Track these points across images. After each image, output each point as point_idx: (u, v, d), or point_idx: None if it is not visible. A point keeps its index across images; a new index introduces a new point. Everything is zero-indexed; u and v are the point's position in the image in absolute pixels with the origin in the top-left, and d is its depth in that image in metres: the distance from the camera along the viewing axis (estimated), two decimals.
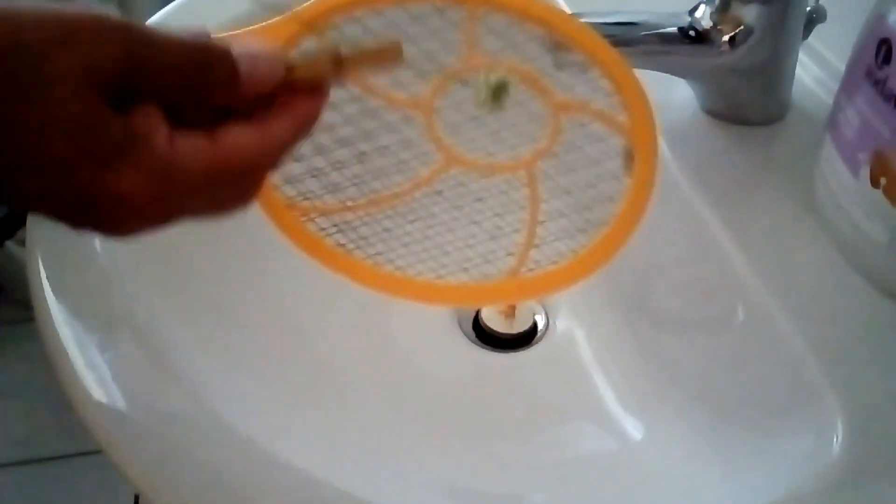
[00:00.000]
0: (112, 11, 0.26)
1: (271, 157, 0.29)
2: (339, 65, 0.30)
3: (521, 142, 0.38)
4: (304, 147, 0.36)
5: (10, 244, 1.17)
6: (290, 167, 0.36)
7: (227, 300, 0.48)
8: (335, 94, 0.36)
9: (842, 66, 0.45)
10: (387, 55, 0.31)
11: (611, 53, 0.35)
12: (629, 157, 0.37)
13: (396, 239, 0.39)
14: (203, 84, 0.28)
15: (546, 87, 0.36)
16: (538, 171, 0.38)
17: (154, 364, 0.38)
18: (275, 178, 0.37)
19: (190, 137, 0.27)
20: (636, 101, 0.36)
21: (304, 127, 0.30)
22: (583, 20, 0.35)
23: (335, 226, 0.38)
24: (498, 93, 0.35)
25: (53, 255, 0.42)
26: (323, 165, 0.37)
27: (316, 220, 0.37)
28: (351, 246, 0.38)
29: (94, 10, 0.25)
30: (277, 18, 0.33)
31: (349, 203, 0.38)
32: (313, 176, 0.38)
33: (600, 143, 0.38)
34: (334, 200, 0.37)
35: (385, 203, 0.38)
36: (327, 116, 0.36)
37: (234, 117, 0.29)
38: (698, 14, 0.49)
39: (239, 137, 0.28)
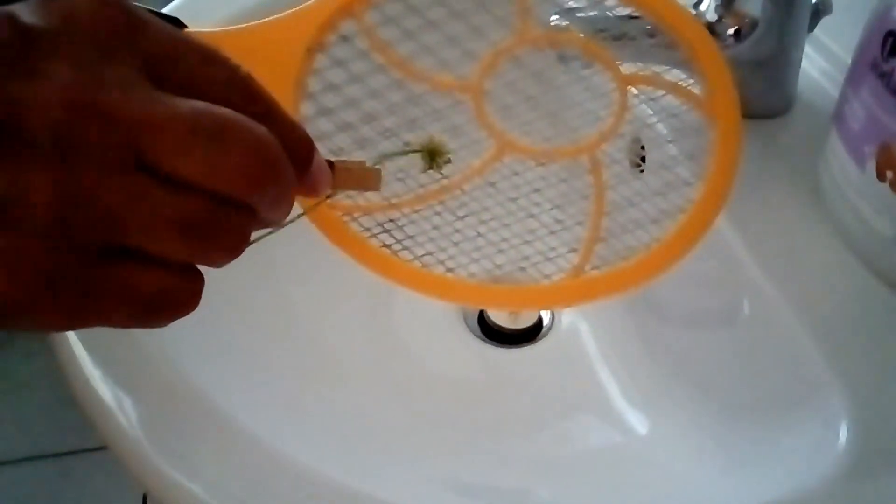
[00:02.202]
0: None
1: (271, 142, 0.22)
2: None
3: (582, 123, 0.35)
4: (345, 140, 0.34)
5: None
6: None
7: (233, 297, 0.48)
8: (377, 80, 0.34)
9: (848, 59, 0.45)
10: (368, 180, 0.29)
11: (683, 15, 0.32)
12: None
13: (446, 237, 0.36)
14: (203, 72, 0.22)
15: (610, 58, 0.33)
16: (603, 154, 0.34)
17: (159, 361, 0.38)
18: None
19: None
20: (714, 70, 0.32)
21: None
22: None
23: (380, 225, 0.35)
24: (433, 156, 0.32)
25: None
26: (365, 159, 0.36)
27: (359, 219, 0.35)
28: (397, 247, 0.34)
29: None
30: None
31: (394, 200, 0.35)
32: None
33: (674, 119, 0.34)
34: (378, 197, 0.34)
35: (433, 198, 0.35)
36: (369, 106, 0.35)
37: None
38: (703, 7, 0.49)
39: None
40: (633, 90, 0.33)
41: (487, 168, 0.35)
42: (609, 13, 0.40)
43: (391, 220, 0.35)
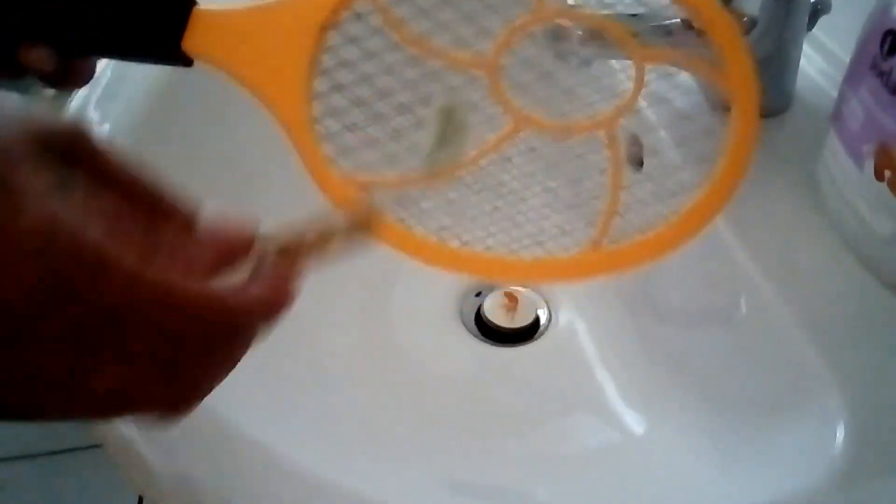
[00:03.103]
0: None
1: (249, 314, 0.26)
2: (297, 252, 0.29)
3: (599, 99, 0.35)
4: (358, 115, 0.34)
5: None
6: (345, 138, 0.35)
7: None
8: (392, 56, 0.34)
9: (846, 58, 0.45)
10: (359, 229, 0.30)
11: None
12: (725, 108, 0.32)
13: (462, 212, 0.36)
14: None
15: (626, 35, 0.33)
16: (620, 130, 0.34)
17: None
18: (330, 150, 0.34)
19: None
20: (730, 45, 0.32)
21: (274, 303, 0.27)
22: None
23: (394, 199, 0.34)
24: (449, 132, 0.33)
25: None
26: (380, 135, 0.35)
27: (374, 194, 0.34)
28: (412, 221, 0.34)
29: None
30: None
31: (410, 175, 0.34)
32: (369, 146, 0.35)
33: (691, 96, 0.34)
34: (393, 172, 0.34)
35: (448, 173, 0.35)
36: (384, 82, 0.35)
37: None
38: None
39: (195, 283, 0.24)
40: (650, 66, 0.33)
41: (504, 143, 0.34)
42: None
43: (406, 196, 0.34)
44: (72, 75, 0.32)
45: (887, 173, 0.40)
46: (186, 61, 0.32)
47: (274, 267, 0.28)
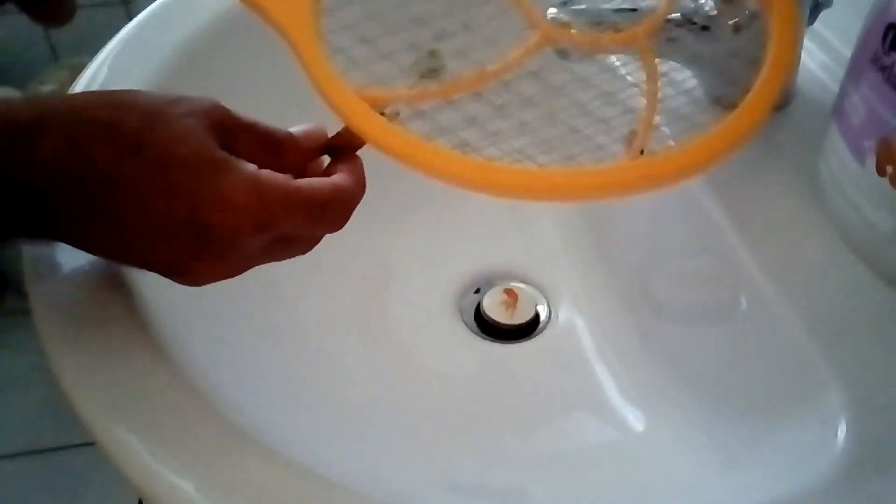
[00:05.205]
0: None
1: (347, 194, 0.34)
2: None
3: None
4: (374, 28, 0.33)
5: None
6: (357, 50, 0.33)
7: (228, 294, 0.47)
8: None
9: (848, 53, 0.44)
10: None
11: None
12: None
13: (484, 128, 0.32)
14: (273, 139, 0.35)
15: None
16: (655, 42, 0.32)
17: (150, 358, 0.38)
18: (340, 65, 0.32)
19: (271, 173, 0.34)
20: None
21: (361, 177, 0.35)
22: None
23: (409, 116, 0.32)
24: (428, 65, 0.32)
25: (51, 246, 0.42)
26: (394, 48, 0.33)
27: (386, 110, 0.32)
28: (430, 136, 0.31)
29: None
30: None
31: (429, 87, 0.32)
32: (384, 58, 0.33)
33: (728, 4, 0.33)
34: (409, 84, 0.32)
35: (469, 86, 0.32)
36: None
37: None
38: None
39: (313, 181, 0.34)
40: None
41: (530, 57, 0.33)
42: None
43: (421, 111, 0.32)
44: (53, 5, 0.36)
45: (889, 169, 0.40)
46: None
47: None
